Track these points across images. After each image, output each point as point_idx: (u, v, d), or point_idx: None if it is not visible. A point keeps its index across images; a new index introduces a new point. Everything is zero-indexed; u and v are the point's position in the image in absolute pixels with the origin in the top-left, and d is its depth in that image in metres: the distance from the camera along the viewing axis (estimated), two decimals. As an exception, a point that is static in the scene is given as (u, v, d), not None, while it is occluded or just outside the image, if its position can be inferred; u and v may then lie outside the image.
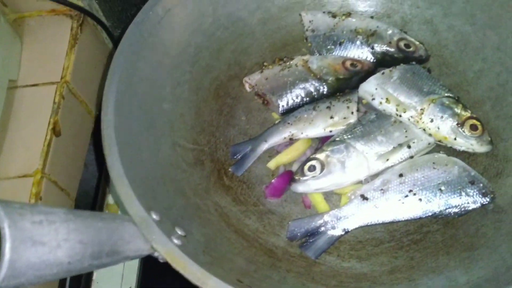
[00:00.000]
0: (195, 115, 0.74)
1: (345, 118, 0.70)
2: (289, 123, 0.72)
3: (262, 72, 0.77)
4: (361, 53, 0.77)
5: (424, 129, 0.68)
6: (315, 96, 0.74)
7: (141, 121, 0.64)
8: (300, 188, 0.66)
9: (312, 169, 0.66)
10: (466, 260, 0.59)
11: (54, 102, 0.82)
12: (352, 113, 0.70)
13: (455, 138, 0.67)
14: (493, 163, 0.67)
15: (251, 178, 0.71)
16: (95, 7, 0.96)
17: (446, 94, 0.69)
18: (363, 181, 0.67)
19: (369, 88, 0.72)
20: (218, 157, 0.72)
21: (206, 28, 0.76)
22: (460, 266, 0.59)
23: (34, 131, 0.79)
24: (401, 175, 0.65)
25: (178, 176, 0.66)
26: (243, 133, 0.75)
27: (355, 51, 0.77)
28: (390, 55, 0.76)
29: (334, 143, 0.68)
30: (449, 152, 0.68)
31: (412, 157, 0.67)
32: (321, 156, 0.67)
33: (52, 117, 0.80)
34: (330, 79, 0.74)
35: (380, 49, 0.76)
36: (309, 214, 0.67)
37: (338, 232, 0.64)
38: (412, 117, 0.68)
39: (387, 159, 0.66)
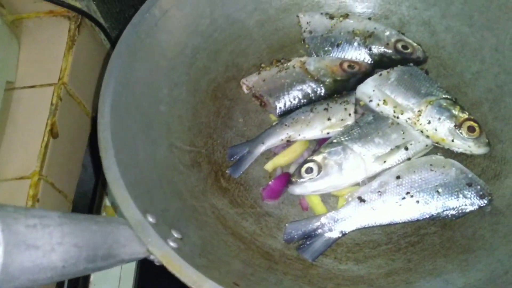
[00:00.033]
0: (192, 116, 0.73)
1: (342, 119, 0.70)
2: (286, 124, 0.71)
3: (259, 73, 0.77)
4: (359, 54, 0.77)
5: (421, 131, 0.68)
6: (313, 97, 0.74)
7: (137, 123, 0.64)
8: (297, 190, 0.66)
9: (309, 171, 0.66)
10: (463, 263, 0.59)
11: (51, 104, 0.81)
12: (350, 114, 0.70)
13: (453, 140, 0.67)
14: (490, 165, 0.67)
15: (248, 180, 0.71)
16: (93, 8, 0.96)
17: (444, 96, 0.69)
18: (360, 183, 0.67)
19: (367, 89, 0.71)
20: (215, 159, 0.72)
21: (203, 30, 0.76)
22: (457, 268, 0.59)
23: (32, 132, 0.79)
24: (398, 177, 0.65)
25: (175, 178, 0.66)
26: (240, 134, 0.75)
27: (353, 53, 0.77)
28: (387, 56, 0.76)
29: (331, 145, 0.68)
30: (447, 154, 0.68)
31: (409, 159, 0.67)
32: (318, 158, 0.67)
33: (50, 119, 0.80)
34: (328, 80, 0.74)
35: (378, 50, 0.76)
36: (307, 216, 0.67)
37: (335, 234, 0.64)
38: (409, 118, 0.68)
39: (385, 161, 0.66)
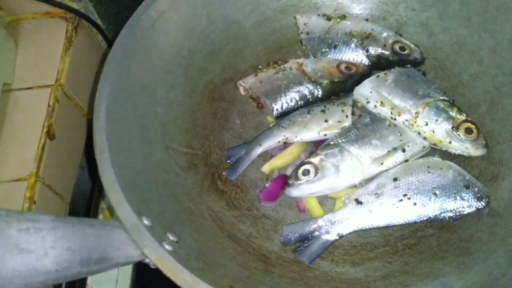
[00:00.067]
0: (189, 118, 0.73)
1: (339, 121, 0.69)
2: (283, 126, 0.71)
3: (256, 75, 0.76)
4: (356, 56, 0.77)
5: (419, 133, 0.68)
6: (310, 99, 0.74)
7: (134, 125, 0.64)
8: (294, 192, 0.66)
9: (306, 173, 0.66)
10: (461, 265, 0.59)
11: (48, 105, 0.81)
12: (347, 116, 0.70)
13: (450, 142, 0.66)
14: (488, 167, 0.67)
15: (245, 182, 0.71)
16: (91, 10, 0.96)
17: (441, 97, 0.68)
18: (357, 185, 0.67)
19: (364, 91, 0.71)
20: (212, 161, 0.72)
21: (200, 31, 0.75)
22: (454, 271, 0.58)
23: (28, 134, 0.79)
24: (395, 179, 0.64)
25: (171, 180, 0.66)
26: (237, 136, 0.75)
27: (350, 54, 0.77)
28: (385, 58, 0.76)
29: (328, 147, 0.67)
30: (444, 155, 0.68)
31: (407, 160, 0.66)
32: (315, 160, 0.66)
33: (47, 120, 0.80)
34: (325, 82, 0.73)
35: (375, 52, 0.76)
36: (304, 219, 0.67)
37: (332, 236, 0.64)
38: (407, 120, 0.68)
39: (382, 163, 0.66)
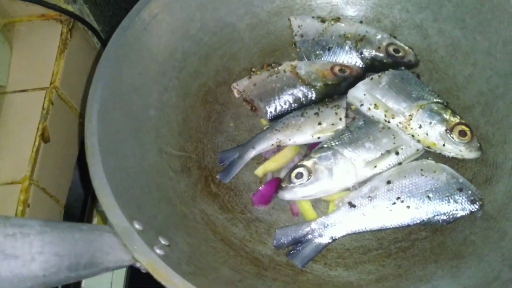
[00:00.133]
0: (183, 121, 0.73)
1: (333, 124, 0.69)
2: (277, 129, 0.71)
3: (250, 78, 0.76)
4: (350, 58, 0.76)
5: (412, 135, 0.67)
6: (304, 102, 0.73)
7: (126, 128, 0.63)
8: (287, 195, 0.66)
9: (299, 176, 0.65)
10: (454, 269, 0.58)
11: (43, 108, 0.81)
12: (341, 119, 0.69)
13: (444, 144, 0.66)
14: (482, 170, 0.66)
15: (239, 185, 0.71)
16: (86, 12, 0.96)
17: (435, 100, 0.68)
18: (351, 188, 0.67)
19: (358, 94, 0.71)
20: (205, 164, 0.72)
21: (193, 34, 0.75)
22: (447, 274, 0.58)
23: (23, 137, 0.79)
24: (389, 182, 0.64)
25: (164, 183, 0.65)
26: (231, 139, 0.75)
27: (344, 57, 0.77)
28: (379, 60, 0.75)
29: (322, 150, 0.67)
30: (438, 158, 0.68)
31: (400, 163, 0.66)
32: (308, 163, 0.66)
33: (41, 123, 0.80)
34: (319, 84, 0.73)
35: (369, 54, 0.76)
36: (297, 222, 0.67)
37: (325, 240, 0.63)
38: (400, 123, 0.68)
39: (375, 166, 0.66)
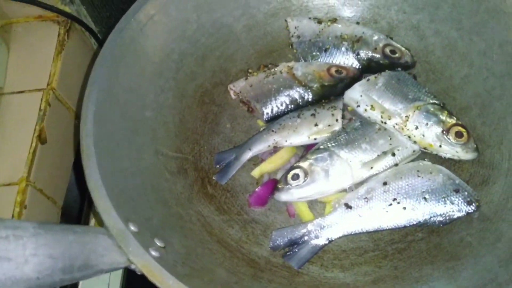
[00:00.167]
0: (179, 122, 0.73)
1: (329, 125, 0.69)
2: (273, 130, 0.71)
3: (246, 79, 0.76)
4: (347, 59, 0.76)
5: (409, 137, 0.67)
6: (300, 103, 0.73)
7: (122, 130, 0.63)
8: (283, 197, 0.66)
9: (296, 177, 0.65)
10: (450, 270, 0.58)
11: (40, 109, 0.81)
12: (337, 120, 0.69)
13: (440, 146, 0.66)
14: (479, 171, 0.66)
15: (235, 186, 0.70)
16: (83, 13, 0.96)
17: (432, 101, 0.68)
18: (347, 190, 0.66)
19: (354, 95, 0.71)
20: (202, 166, 0.72)
21: (190, 35, 0.75)
22: (444, 276, 0.58)
23: (20, 138, 0.79)
24: (385, 183, 0.64)
25: (160, 185, 0.65)
26: (227, 140, 0.74)
27: (341, 58, 0.76)
28: (375, 61, 0.75)
29: (318, 151, 0.67)
30: (435, 159, 0.67)
31: (397, 164, 0.66)
32: (305, 164, 0.66)
33: (38, 124, 0.80)
34: (315, 86, 0.73)
35: (366, 55, 0.75)
36: (293, 223, 0.67)
37: (321, 241, 0.63)
38: (397, 124, 0.68)
39: (371, 167, 0.66)
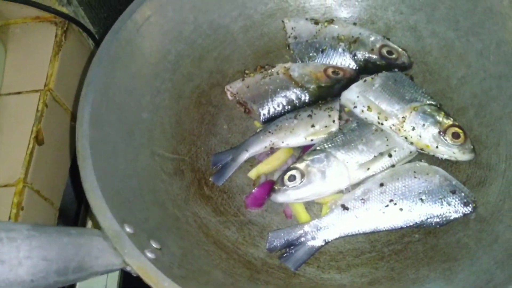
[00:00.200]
0: (176, 124, 0.73)
1: (326, 126, 0.69)
2: (270, 132, 0.71)
3: (243, 80, 0.76)
4: (343, 60, 0.76)
5: (406, 138, 0.67)
6: (297, 104, 0.73)
7: (118, 131, 0.63)
8: (279, 198, 0.65)
9: (292, 179, 0.65)
10: (446, 272, 0.58)
11: (37, 110, 0.81)
12: (334, 121, 0.69)
13: (437, 146, 0.66)
14: (476, 172, 0.66)
15: (232, 187, 0.70)
16: (81, 14, 0.96)
17: (428, 102, 0.68)
18: (344, 191, 0.66)
19: (351, 96, 0.71)
20: (198, 167, 0.71)
21: (187, 36, 0.75)
22: (440, 277, 0.58)
23: (17, 140, 0.78)
24: (382, 184, 0.64)
25: (157, 186, 0.65)
26: (224, 142, 0.74)
27: (337, 59, 0.76)
28: (372, 62, 0.75)
29: (315, 152, 0.67)
30: (432, 160, 0.67)
31: (393, 165, 0.66)
32: (301, 165, 0.66)
33: (35, 126, 0.80)
34: (312, 87, 0.73)
35: (363, 56, 0.75)
36: (290, 224, 0.66)
37: (318, 242, 0.63)
38: (393, 125, 0.67)
39: (368, 168, 0.65)
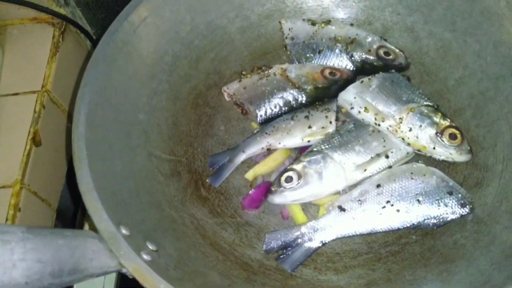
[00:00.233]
0: (173, 125, 0.73)
1: (323, 127, 0.69)
2: (267, 133, 0.70)
3: (240, 81, 0.76)
4: (340, 61, 0.76)
5: (402, 139, 0.67)
6: (294, 105, 0.73)
7: (115, 133, 0.63)
8: (276, 199, 0.65)
9: (289, 180, 0.65)
10: (443, 273, 0.58)
11: (34, 111, 0.81)
12: (331, 122, 0.69)
13: (434, 147, 0.66)
14: (473, 173, 0.66)
15: (229, 189, 0.70)
16: (78, 15, 0.96)
17: (425, 103, 0.68)
18: (341, 192, 0.66)
19: (348, 97, 0.71)
20: (195, 168, 0.71)
21: (184, 37, 0.75)
22: (437, 279, 0.58)
23: (14, 141, 0.78)
24: (378, 185, 0.64)
25: (154, 188, 0.65)
26: (221, 143, 0.74)
27: (334, 59, 0.76)
28: (369, 63, 0.75)
29: (312, 153, 0.67)
30: (429, 161, 0.67)
31: (390, 167, 0.66)
32: (298, 167, 0.66)
33: (32, 127, 0.80)
34: (309, 88, 0.73)
35: (360, 57, 0.75)
36: (287, 226, 0.66)
37: (315, 244, 0.63)
38: (391, 126, 0.67)
39: (365, 170, 0.65)
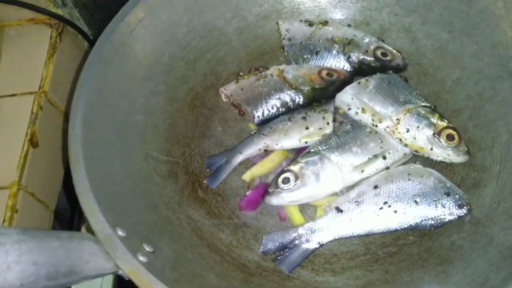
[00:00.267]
0: (170, 126, 0.72)
1: (320, 128, 0.69)
2: (264, 134, 0.70)
3: (237, 82, 0.76)
4: (338, 62, 0.76)
5: (400, 140, 0.67)
6: (291, 106, 0.73)
7: (111, 134, 0.63)
8: (273, 200, 0.65)
9: (286, 181, 0.65)
10: (441, 274, 0.58)
11: (32, 113, 0.81)
12: (328, 123, 0.69)
13: (432, 148, 0.66)
14: (470, 174, 0.66)
15: (226, 190, 0.70)
16: (76, 16, 0.96)
17: (423, 104, 0.68)
18: (338, 193, 0.66)
19: (345, 98, 0.70)
20: (192, 169, 0.71)
21: (181, 38, 0.75)
22: (434, 280, 0.58)
23: (11, 142, 0.78)
24: (376, 186, 0.64)
25: (150, 189, 0.65)
26: (219, 144, 0.74)
27: (332, 60, 0.76)
28: (366, 64, 0.75)
29: (309, 154, 0.67)
30: (426, 162, 0.67)
31: (388, 168, 0.66)
32: (295, 168, 0.66)
33: (30, 128, 0.79)
34: (306, 89, 0.73)
35: (357, 58, 0.75)
36: (285, 227, 0.66)
37: (312, 245, 0.63)
38: (388, 127, 0.67)
39: (362, 171, 0.65)
